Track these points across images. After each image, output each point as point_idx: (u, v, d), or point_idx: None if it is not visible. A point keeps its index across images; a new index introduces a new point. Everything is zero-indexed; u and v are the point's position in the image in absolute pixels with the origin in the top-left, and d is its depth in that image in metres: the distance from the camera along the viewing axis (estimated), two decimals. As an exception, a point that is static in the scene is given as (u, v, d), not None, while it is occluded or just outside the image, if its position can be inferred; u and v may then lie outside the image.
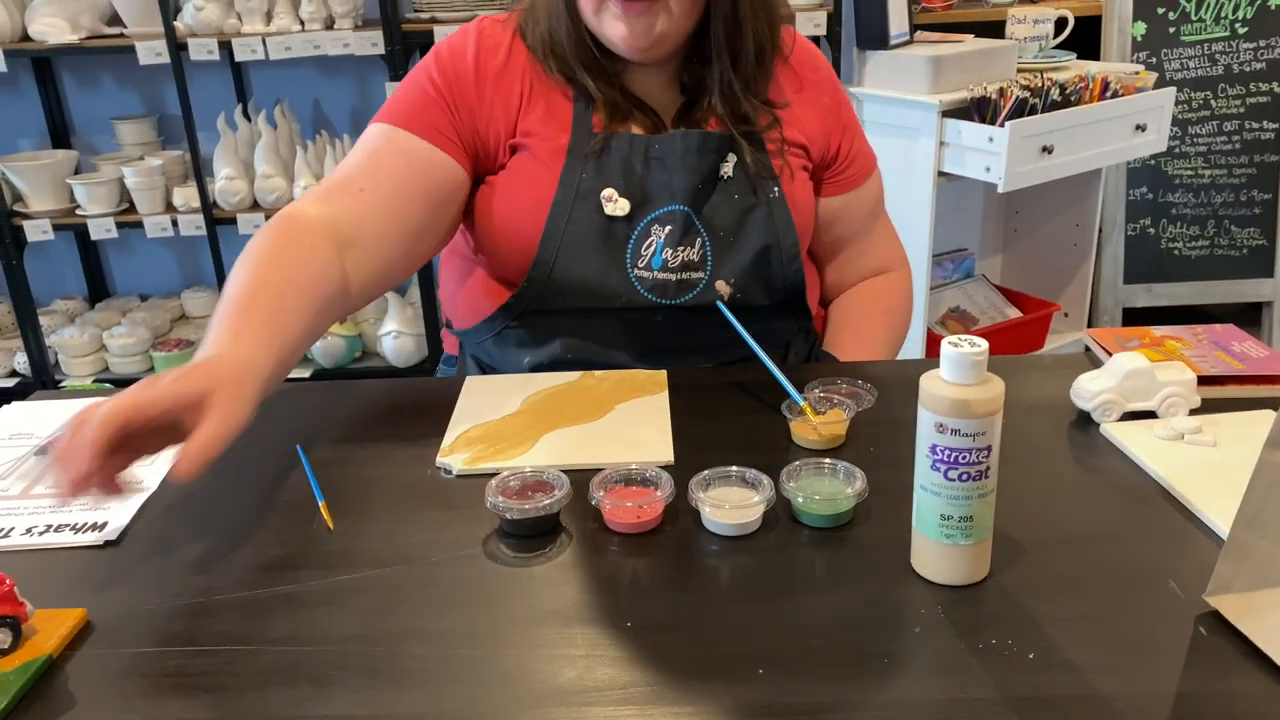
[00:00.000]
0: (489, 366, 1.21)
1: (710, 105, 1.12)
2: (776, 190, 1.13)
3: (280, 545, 0.80)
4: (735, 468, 0.83)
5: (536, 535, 0.80)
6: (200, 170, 2.56)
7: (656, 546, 0.79)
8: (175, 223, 2.61)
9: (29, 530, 0.83)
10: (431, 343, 2.74)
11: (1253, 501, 0.66)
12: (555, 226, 1.08)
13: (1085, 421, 0.96)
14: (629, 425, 0.97)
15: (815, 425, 0.91)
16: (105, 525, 0.83)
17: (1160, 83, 2.50)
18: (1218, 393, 0.98)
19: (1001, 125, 2.08)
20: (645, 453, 0.91)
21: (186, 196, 2.61)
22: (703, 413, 1.00)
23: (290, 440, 0.95)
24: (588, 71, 1.09)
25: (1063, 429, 0.95)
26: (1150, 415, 0.94)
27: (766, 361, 0.99)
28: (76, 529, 0.83)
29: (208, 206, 2.58)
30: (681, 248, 1.10)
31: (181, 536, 0.82)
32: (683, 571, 0.76)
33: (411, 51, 2.49)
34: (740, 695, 0.63)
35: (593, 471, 0.84)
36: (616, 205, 1.09)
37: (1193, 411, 0.94)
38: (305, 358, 2.73)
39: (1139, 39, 2.79)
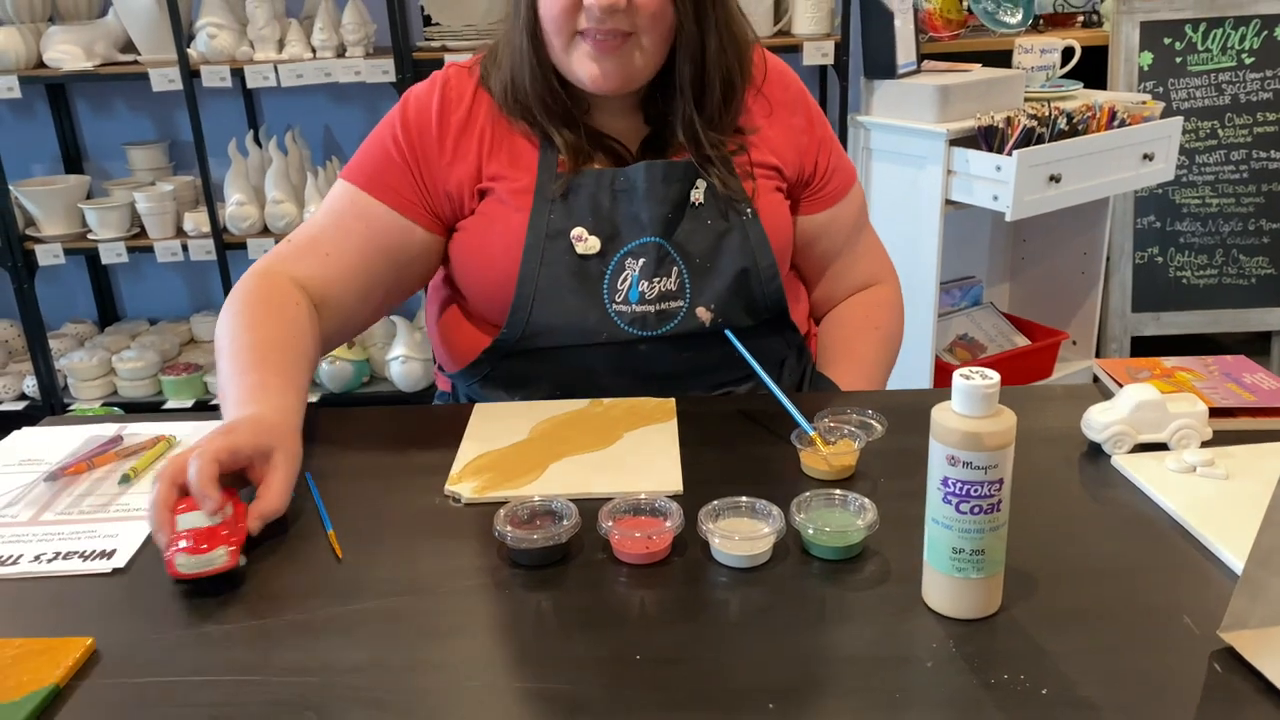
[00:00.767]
0: None
1: (676, 136, 1.12)
2: (749, 212, 1.13)
3: (288, 574, 0.80)
4: (745, 498, 0.83)
5: (545, 565, 0.80)
6: (211, 195, 2.57)
7: (665, 577, 0.78)
8: (185, 247, 2.63)
9: (37, 557, 0.83)
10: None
11: (1268, 537, 0.66)
12: (529, 269, 1.09)
13: (1096, 453, 0.95)
14: (638, 454, 0.96)
15: (825, 455, 0.91)
16: (114, 553, 0.83)
17: (1167, 112, 2.51)
18: (1229, 425, 0.98)
19: (1009, 154, 2.08)
20: (654, 482, 0.91)
21: (197, 221, 2.63)
22: (711, 442, 0.99)
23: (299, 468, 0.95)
24: (550, 115, 1.10)
25: (1074, 460, 0.94)
26: (1162, 447, 0.94)
27: (776, 391, 0.99)
28: (85, 556, 0.83)
29: (218, 231, 2.60)
30: (658, 278, 1.11)
31: (189, 564, 0.82)
32: (692, 603, 0.75)
33: (422, 79, 2.50)
34: (750, 730, 0.62)
35: (601, 501, 0.83)
36: (587, 244, 1.10)
37: (1205, 444, 0.94)
38: (314, 382, 2.73)
39: (1145, 69, 2.80)
